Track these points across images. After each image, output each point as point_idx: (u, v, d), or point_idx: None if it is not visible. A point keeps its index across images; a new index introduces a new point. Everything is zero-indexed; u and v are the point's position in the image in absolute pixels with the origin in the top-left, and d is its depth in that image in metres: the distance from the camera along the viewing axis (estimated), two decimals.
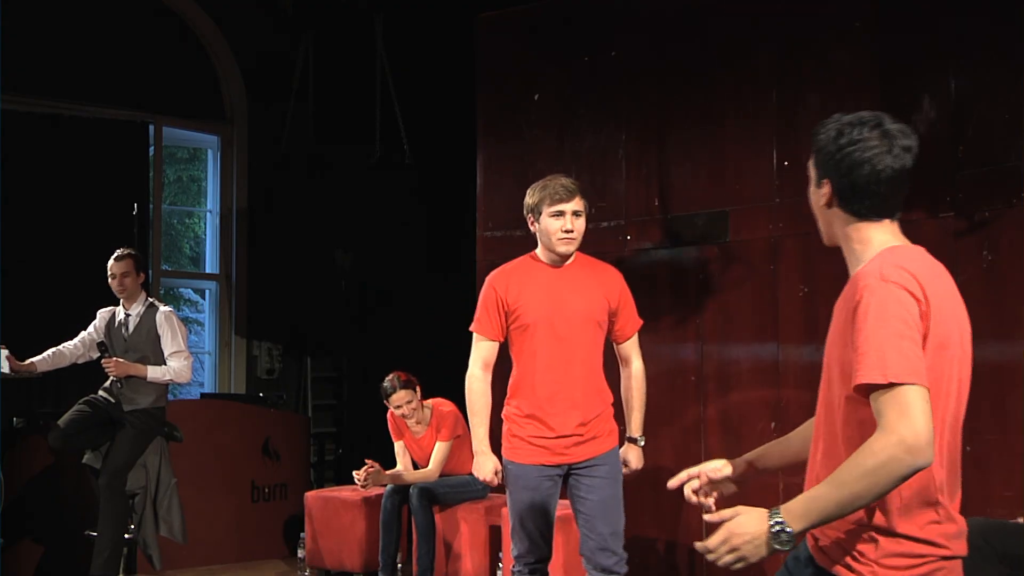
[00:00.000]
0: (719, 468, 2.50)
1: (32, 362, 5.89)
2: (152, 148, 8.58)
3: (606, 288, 4.16)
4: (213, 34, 8.78)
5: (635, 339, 4.27)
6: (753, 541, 2.05)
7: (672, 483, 2.52)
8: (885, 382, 2.01)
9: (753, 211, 5.60)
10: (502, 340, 4.15)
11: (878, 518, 2.12)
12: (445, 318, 9.04)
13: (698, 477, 2.49)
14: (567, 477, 4.13)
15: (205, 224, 9.41)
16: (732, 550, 2.06)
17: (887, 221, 2.23)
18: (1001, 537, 3.60)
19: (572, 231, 4.04)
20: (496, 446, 4.16)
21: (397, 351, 8.10)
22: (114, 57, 8.14)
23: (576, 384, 4.07)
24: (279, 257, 8.90)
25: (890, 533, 2.13)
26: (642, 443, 4.30)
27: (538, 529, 4.09)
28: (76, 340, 6.01)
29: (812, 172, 2.29)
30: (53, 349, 5.97)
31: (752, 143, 5.60)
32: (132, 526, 5.87)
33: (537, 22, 6.56)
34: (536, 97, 6.44)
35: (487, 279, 4.20)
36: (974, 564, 3.53)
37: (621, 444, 4.25)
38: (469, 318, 4.20)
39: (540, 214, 4.07)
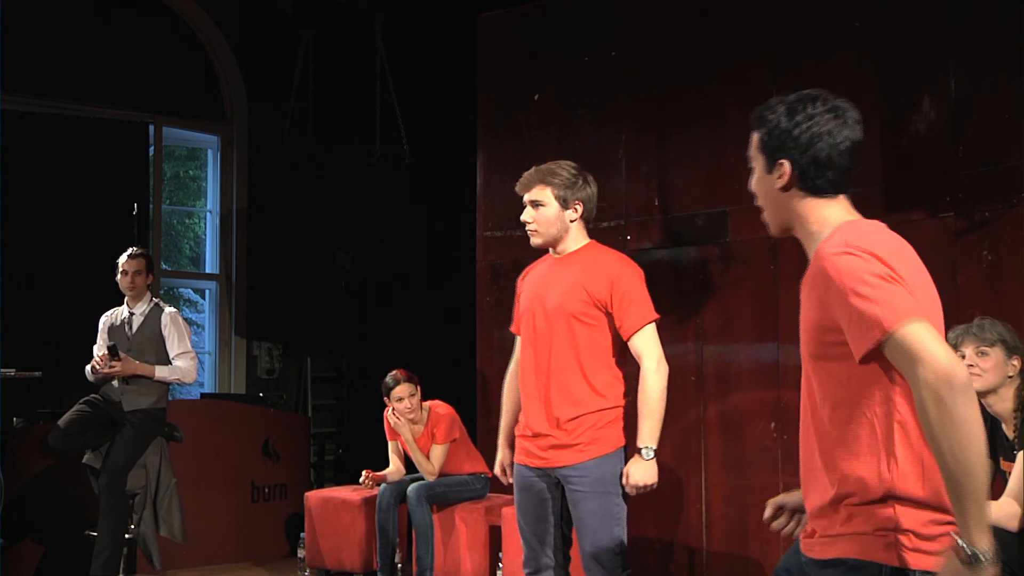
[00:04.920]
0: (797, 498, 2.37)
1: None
2: (152, 148, 8.58)
3: (590, 279, 3.78)
4: (213, 34, 8.78)
5: (645, 336, 3.77)
6: None
7: (767, 519, 2.48)
8: (890, 329, 1.93)
9: (753, 211, 5.49)
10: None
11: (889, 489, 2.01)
12: (445, 318, 9.09)
13: (781, 510, 2.43)
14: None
15: (205, 224, 9.41)
16: None
17: (842, 197, 2.19)
18: (1004, 545, 3.59)
19: (528, 222, 3.85)
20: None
21: (397, 351, 8.09)
22: (114, 57, 8.14)
23: (544, 381, 3.79)
24: (279, 257, 8.89)
25: (911, 502, 2.03)
26: (649, 456, 3.72)
27: (534, 533, 3.85)
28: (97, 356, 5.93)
29: (759, 159, 2.27)
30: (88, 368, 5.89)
31: None
32: (132, 526, 5.87)
33: (537, 22, 6.56)
34: (536, 97, 6.44)
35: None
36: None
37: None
38: (470, 318, 4.19)
39: None
